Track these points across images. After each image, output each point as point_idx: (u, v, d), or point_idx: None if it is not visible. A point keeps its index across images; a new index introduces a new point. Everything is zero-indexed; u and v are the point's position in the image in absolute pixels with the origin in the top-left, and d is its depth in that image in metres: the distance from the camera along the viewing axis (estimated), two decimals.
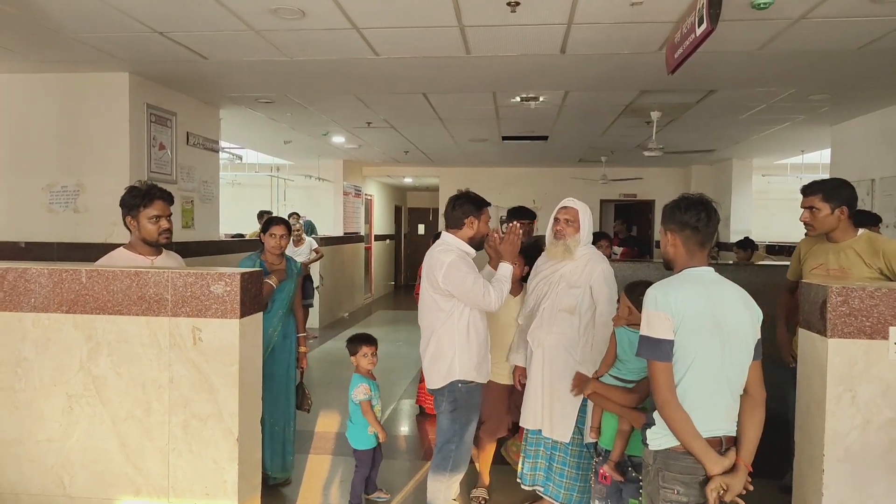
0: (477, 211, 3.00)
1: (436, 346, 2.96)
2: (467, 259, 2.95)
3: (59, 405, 2.44)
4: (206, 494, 2.38)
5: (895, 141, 5.60)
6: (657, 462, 2.04)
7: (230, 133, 7.44)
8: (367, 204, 12.36)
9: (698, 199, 2.11)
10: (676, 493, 1.99)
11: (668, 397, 1.97)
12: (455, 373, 2.91)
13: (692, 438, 1.96)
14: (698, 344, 1.97)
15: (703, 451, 1.95)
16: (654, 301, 2.00)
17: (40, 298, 2.44)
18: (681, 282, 2.05)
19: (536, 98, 5.51)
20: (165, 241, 2.90)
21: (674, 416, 1.97)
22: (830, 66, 4.35)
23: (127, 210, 2.87)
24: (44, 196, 4.72)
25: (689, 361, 1.98)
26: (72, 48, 4.04)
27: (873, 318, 2.18)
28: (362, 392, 3.45)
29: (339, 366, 7.20)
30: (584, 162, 10.26)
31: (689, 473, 1.99)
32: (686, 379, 1.98)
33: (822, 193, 3.00)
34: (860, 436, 2.19)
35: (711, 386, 2.00)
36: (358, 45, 3.94)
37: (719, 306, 2.01)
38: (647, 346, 2.00)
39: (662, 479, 2.02)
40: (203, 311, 2.36)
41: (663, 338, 1.97)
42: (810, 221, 3.07)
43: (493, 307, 2.88)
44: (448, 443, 2.96)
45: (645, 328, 2.02)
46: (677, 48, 3.38)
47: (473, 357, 2.94)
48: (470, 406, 2.97)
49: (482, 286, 2.85)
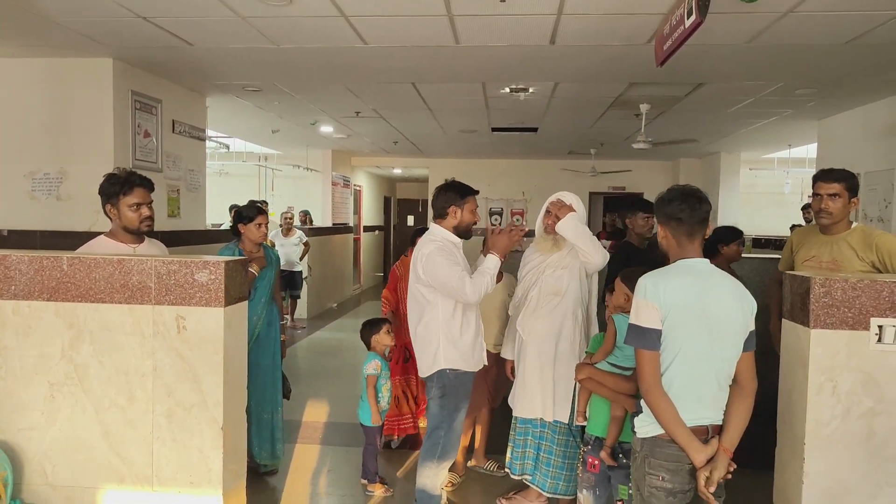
0: (460, 199, 2.97)
1: (421, 335, 2.96)
2: (449, 249, 2.92)
3: (41, 394, 2.41)
4: (190, 483, 2.37)
5: (880, 136, 5.65)
6: (644, 449, 2.08)
7: (217, 121, 7.36)
8: (356, 194, 12.31)
9: (682, 190, 2.13)
10: (661, 480, 2.03)
11: (653, 385, 2.00)
12: (440, 362, 2.91)
13: (676, 426, 1.99)
14: (685, 335, 1.99)
15: (686, 440, 1.99)
16: (644, 290, 2.03)
17: (21, 286, 2.41)
18: (673, 273, 2.08)
19: (526, 89, 5.49)
20: (147, 228, 2.87)
21: (658, 405, 2.00)
22: (818, 60, 4.37)
23: (106, 198, 2.82)
24: (26, 183, 4.65)
25: (676, 351, 2.00)
26: (54, 33, 3.97)
27: (855, 310, 2.20)
28: (373, 367, 3.58)
29: (326, 356, 7.20)
30: (574, 154, 10.27)
31: (675, 461, 2.02)
32: (672, 368, 2.01)
33: (845, 182, 2.95)
34: (840, 424, 2.22)
35: (698, 376, 2.02)
36: (346, 33, 3.91)
37: (710, 298, 2.02)
38: (635, 334, 2.04)
39: (649, 465, 2.05)
40: (187, 299, 2.34)
41: (650, 327, 2.00)
42: (829, 209, 2.97)
43: (469, 300, 2.82)
44: (437, 429, 2.96)
45: (633, 316, 2.06)
46: (666, 40, 3.38)
47: (461, 346, 2.92)
48: (459, 393, 2.96)
49: (458, 278, 2.80)
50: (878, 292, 2.20)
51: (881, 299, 2.20)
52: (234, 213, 3.66)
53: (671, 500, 2.04)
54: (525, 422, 3.21)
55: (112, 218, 2.85)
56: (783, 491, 2.38)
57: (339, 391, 5.67)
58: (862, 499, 2.23)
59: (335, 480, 3.78)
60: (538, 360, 3.13)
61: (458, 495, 3.53)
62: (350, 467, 3.94)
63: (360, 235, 12.70)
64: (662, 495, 2.03)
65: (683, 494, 2.04)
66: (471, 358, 2.98)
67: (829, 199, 2.97)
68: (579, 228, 3.05)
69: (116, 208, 2.82)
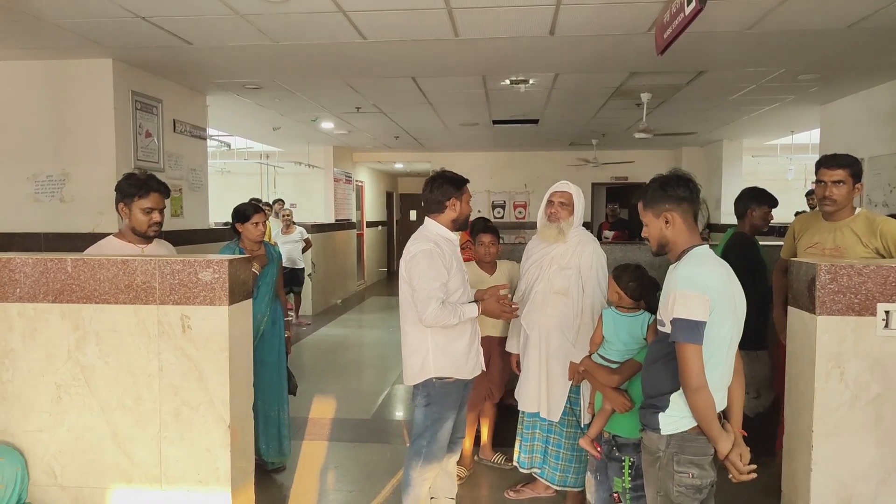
0: (458, 191, 2.80)
1: (408, 340, 2.80)
2: (441, 251, 2.71)
3: (48, 395, 2.42)
4: (199, 482, 2.38)
5: (884, 120, 5.61)
6: (671, 447, 1.99)
7: (218, 120, 7.36)
8: (358, 190, 12.30)
9: (677, 173, 2.11)
10: (691, 477, 1.96)
11: (703, 382, 1.90)
12: (429, 370, 2.73)
13: (714, 421, 1.94)
14: (724, 324, 1.95)
15: (720, 433, 1.94)
16: (694, 282, 1.92)
17: (25, 288, 2.41)
18: (703, 261, 2.00)
19: (526, 81, 5.47)
20: (154, 234, 2.93)
21: (707, 402, 1.91)
22: (819, 45, 4.34)
23: (121, 196, 2.87)
24: (29, 186, 4.66)
25: (718, 343, 1.94)
26: (53, 34, 3.97)
27: (861, 295, 2.19)
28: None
29: (332, 352, 7.21)
30: (575, 145, 10.24)
31: (703, 454, 1.97)
32: (711, 361, 1.94)
33: (849, 168, 2.90)
34: (848, 411, 2.21)
35: (726, 365, 2.00)
36: (345, 28, 3.89)
37: (733, 284, 2.01)
38: (686, 328, 1.90)
39: (678, 462, 1.97)
40: (191, 298, 2.34)
41: (701, 320, 1.90)
42: (834, 196, 2.92)
43: (423, 320, 2.64)
44: (419, 437, 2.80)
45: (683, 311, 1.91)
46: (666, 28, 3.35)
47: (452, 353, 2.74)
48: (444, 402, 2.77)
49: (427, 295, 2.60)
50: (885, 278, 2.19)
51: (888, 285, 2.18)
52: (232, 213, 3.67)
53: (698, 496, 1.98)
54: (532, 415, 3.21)
55: (122, 216, 2.87)
56: (792, 478, 2.38)
57: (345, 387, 5.68)
58: (871, 485, 2.22)
59: (343, 476, 3.79)
60: (544, 356, 3.12)
61: (466, 488, 3.53)
62: (357, 463, 3.96)
63: (363, 231, 12.69)
64: (691, 493, 1.97)
65: (707, 489, 2.00)
66: (464, 365, 2.79)
67: (833, 185, 2.91)
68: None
69: (129, 208, 2.86)
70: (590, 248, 3.08)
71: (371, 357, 7.29)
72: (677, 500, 1.98)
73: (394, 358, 6.68)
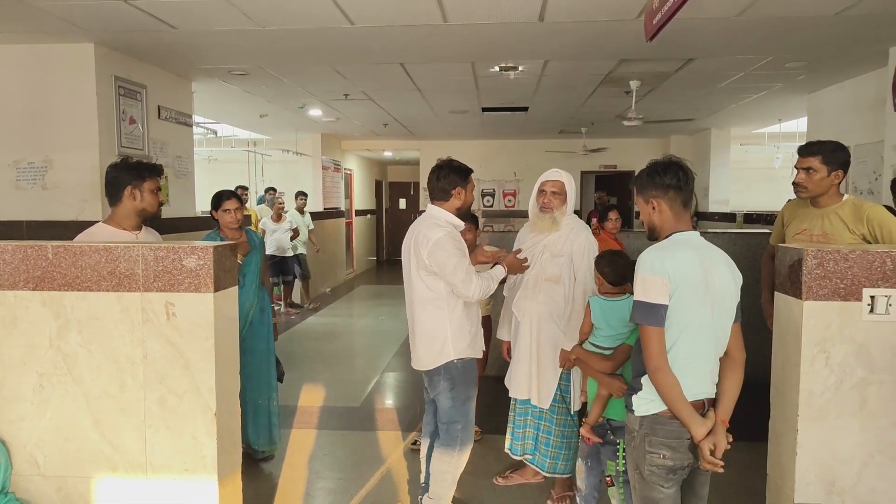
0: (463, 180, 2.88)
1: (426, 326, 2.84)
2: (455, 235, 2.83)
3: (30, 384, 2.38)
4: (185, 470, 2.36)
5: (869, 108, 5.64)
6: (643, 427, 2.04)
7: (204, 107, 7.26)
8: (347, 178, 12.23)
9: (670, 160, 2.12)
10: (662, 458, 2.01)
11: (661, 363, 1.96)
12: (450, 352, 2.82)
13: (681, 404, 1.96)
14: (692, 308, 1.97)
15: (689, 415, 1.97)
16: (651, 266, 1.97)
17: (5, 276, 2.36)
18: (674, 246, 2.03)
19: (515, 68, 5.44)
20: (159, 213, 2.97)
21: (666, 382, 1.96)
22: (807, 32, 4.34)
23: (130, 178, 2.84)
24: (10, 173, 4.58)
25: (683, 326, 1.97)
26: (33, 17, 3.88)
27: (847, 280, 2.20)
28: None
29: (320, 341, 7.19)
30: (565, 133, 10.23)
31: (676, 437, 2.00)
32: (678, 344, 1.98)
33: (821, 155, 2.94)
34: (833, 395, 2.23)
35: (700, 350, 2.01)
36: (332, 12, 3.84)
37: (709, 270, 2.01)
38: (643, 310, 1.97)
39: (649, 443, 2.02)
40: (176, 285, 2.31)
41: (659, 303, 1.95)
42: (805, 183, 2.99)
43: (471, 297, 2.76)
44: (453, 423, 2.87)
45: (640, 293, 1.98)
46: (656, 14, 3.33)
47: (467, 335, 2.85)
48: (467, 381, 2.88)
49: (465, 271, 2.72)
50: (870, 263, 2.20)
51: (873, 270, 2.20)
52: (214, 198, 3.65)
53: (671, 476, 2.03)
54: (524, 402, 3.21)
55: (132, 199, 2.85)
56: (777, 462, 2.40)
57: (334, 375, 5.67)
58: (855, 467, 2.25)
59: (331, 464, 3.79)
60: (535, 343, 3.12)
61: None
62: (345, 450, 3.95)
63: (352, 220, 12.64)
64: (663, 473, 2.02)
65: (683, 471, 2.04)
66: (476, 343, 2.92)
67: (803, 172, 2.99)
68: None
69: (139, 190, 2.84)
70: (582, 235, 3.08)
71: (360, 345, 7.28)
72: (649, 479, 2.04)
73: (383, 346, 6.67)
